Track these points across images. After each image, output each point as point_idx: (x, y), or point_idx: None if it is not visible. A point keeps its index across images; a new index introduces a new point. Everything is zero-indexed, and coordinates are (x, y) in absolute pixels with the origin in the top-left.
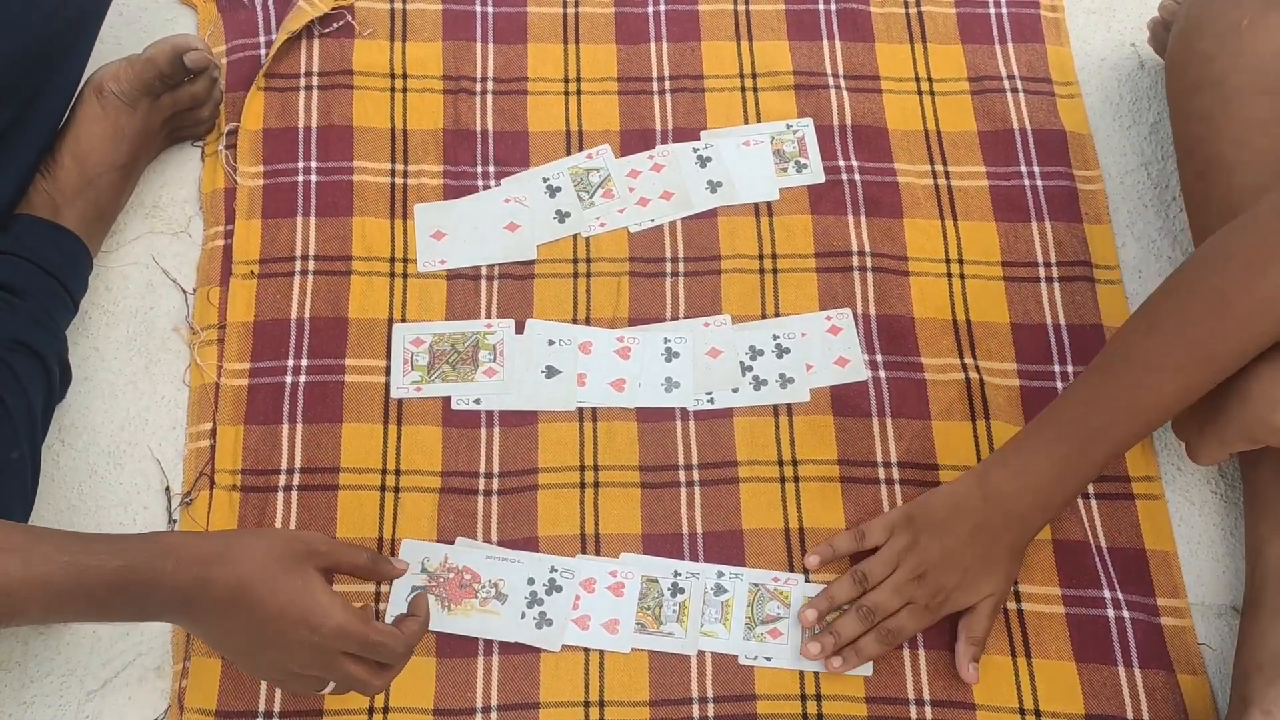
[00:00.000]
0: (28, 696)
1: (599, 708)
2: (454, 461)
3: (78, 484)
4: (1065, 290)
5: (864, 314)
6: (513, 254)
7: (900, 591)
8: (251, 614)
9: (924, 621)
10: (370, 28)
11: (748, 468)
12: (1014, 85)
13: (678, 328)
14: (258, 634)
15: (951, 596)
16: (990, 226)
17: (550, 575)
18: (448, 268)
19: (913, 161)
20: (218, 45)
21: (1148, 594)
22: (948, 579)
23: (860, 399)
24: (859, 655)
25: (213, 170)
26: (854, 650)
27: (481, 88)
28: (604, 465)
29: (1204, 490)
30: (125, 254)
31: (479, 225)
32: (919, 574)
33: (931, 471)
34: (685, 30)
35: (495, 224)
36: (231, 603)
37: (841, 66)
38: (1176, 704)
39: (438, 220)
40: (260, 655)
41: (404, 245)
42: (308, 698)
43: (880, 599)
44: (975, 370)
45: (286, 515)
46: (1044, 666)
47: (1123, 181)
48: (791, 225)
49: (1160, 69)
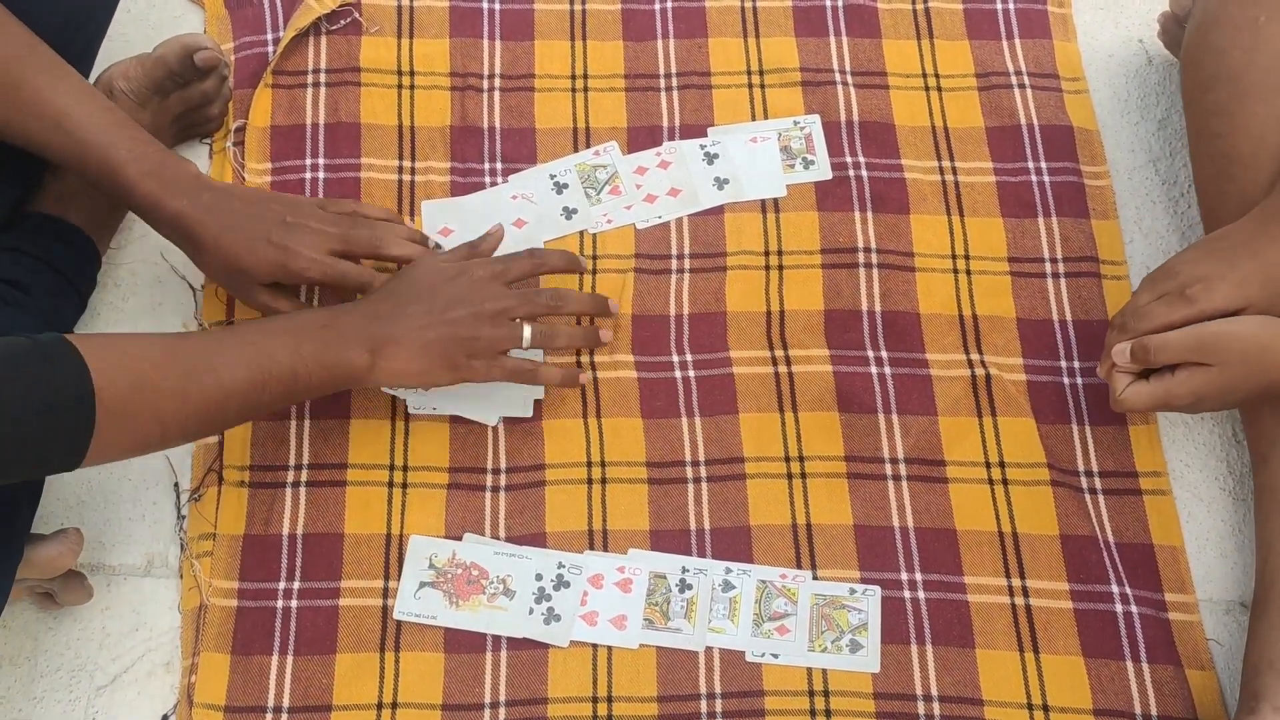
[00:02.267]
0: (38, 691)
1: (607, 703)
2: (462, 457)
3: (87, 480)
4: (1072, 286)
5: (870, 310)
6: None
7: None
8: (426, 334)
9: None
10: (377, 24)
11: (755, 464)
12: (1021, 81)
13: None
14: (430, 304)
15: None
16: (997, 222)
17: (558, 571)
18: None
19: (920, 157)
20: (225, 42)
21: (1156, 589)
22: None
23: (867, 395)
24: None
25: (220, 167)
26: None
27: (489, 84)
28: (611, 461)
29: (1212, 487)
30: (134, 251)
31: (486, 221)
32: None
33: (938, 467)
34: (692, 27)
35: (502, 220)
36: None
37: (849, 63)
38: (1185, 699)
39: (445, 217)
40: (448, 312)
41: None
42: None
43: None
44: (982, 366)
45: (295, 511)
46: (1052, 662)
47: (1131, 178)
48: (798, 222)
49: (1169, 65)
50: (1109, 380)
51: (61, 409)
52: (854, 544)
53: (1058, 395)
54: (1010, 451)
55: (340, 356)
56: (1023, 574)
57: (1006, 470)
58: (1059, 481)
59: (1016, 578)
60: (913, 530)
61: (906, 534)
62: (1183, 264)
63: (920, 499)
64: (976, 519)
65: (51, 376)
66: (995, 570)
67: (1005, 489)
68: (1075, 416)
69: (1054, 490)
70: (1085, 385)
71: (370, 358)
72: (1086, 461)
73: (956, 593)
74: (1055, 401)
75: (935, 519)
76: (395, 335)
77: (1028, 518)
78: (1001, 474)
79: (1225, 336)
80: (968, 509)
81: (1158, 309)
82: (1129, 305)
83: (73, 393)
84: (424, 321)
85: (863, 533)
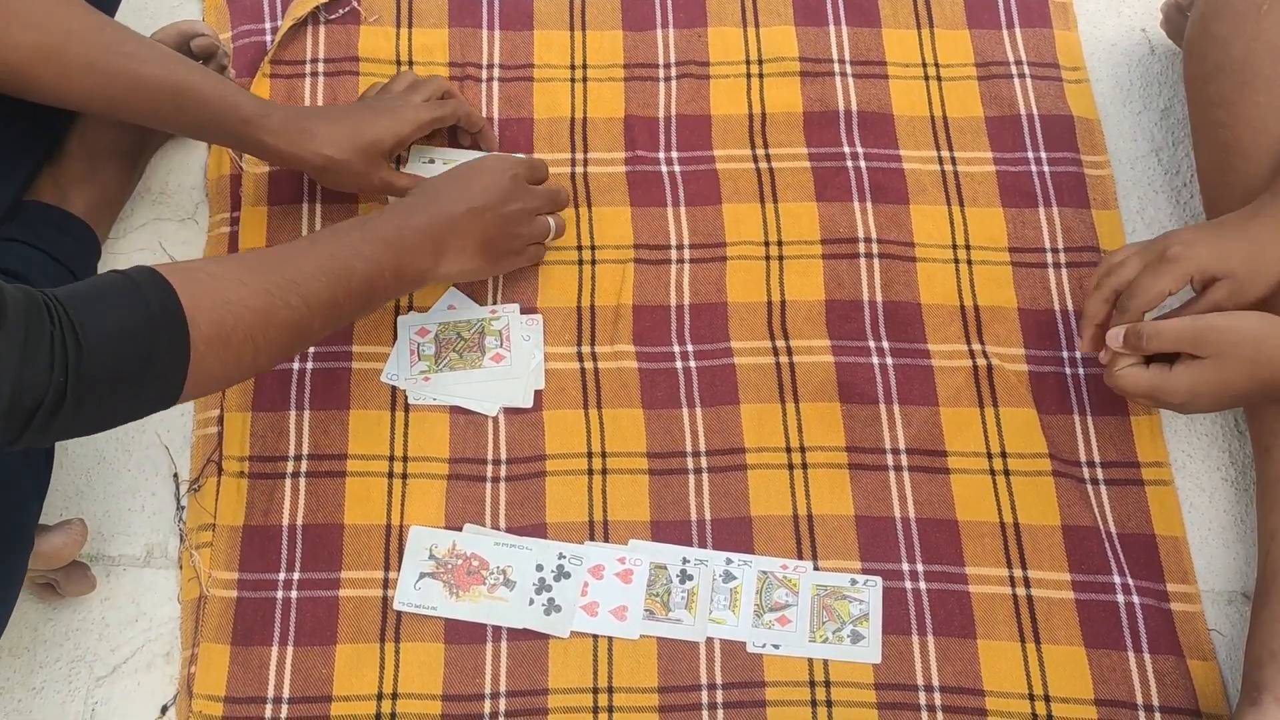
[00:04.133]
0: (37, 682)
1: (607, 694)
2: (462, 448)
3: (86, 470)
4: (1073, 276)
5: (871, 300)
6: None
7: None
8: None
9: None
10: (376, 14)
11: (756, 454)
12: (1021, 71)
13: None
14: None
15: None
16: (997, 212)
17: (559, 562)
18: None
19: (919, 147)
20: (223, 31)
21: (1157, 580)
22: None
23: (868, 385)
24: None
25: (219, 157)
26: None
27: (487, 74)
28: (611, 452)
29: (1214, 477)
30: (133, 240)
31: None
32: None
33: (940, 458)
34: (692, 16)
35: None
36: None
37: (848, 52)
38: (1186, 689)
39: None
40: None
41: None
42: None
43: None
44: (983, 356)
45: (294, 502)
46: (1053, 652)
47: (1134, 167)
48: (797, 212)
49: (1171, 54)
50: (1101, 352)
51: (155, 337)
52: (855, 534)
53: (1059, 385)
54: (1012, 442)
55: (411, 262)
56: (1024, 564)
57: (1008, 460)
58: (1060, 472)
59: (1018, 568)
60: (914, 521)
61: (908, 524)
62: (1169, 235)
63: (921, 489)
64: (978, 509)
65: (143, 306)
66: (997, 561)
67: (1007, 479)
68: (1077, 407)
69: (1056, 480)
70: (1087, 375)
71: (435, 259)
72: (1088, 452)
73: (958, 583)
74: (1057, 392)
75: (936, 509)
76: (461, 234)
77: (1029, 508)
78: (1003, 464)
79: (1220, 329)
80: (969, 499)
81: (1145, 278)
82: (1107, 268)
83: (164, 320)
84: (485, 218)
85: (864, 523)
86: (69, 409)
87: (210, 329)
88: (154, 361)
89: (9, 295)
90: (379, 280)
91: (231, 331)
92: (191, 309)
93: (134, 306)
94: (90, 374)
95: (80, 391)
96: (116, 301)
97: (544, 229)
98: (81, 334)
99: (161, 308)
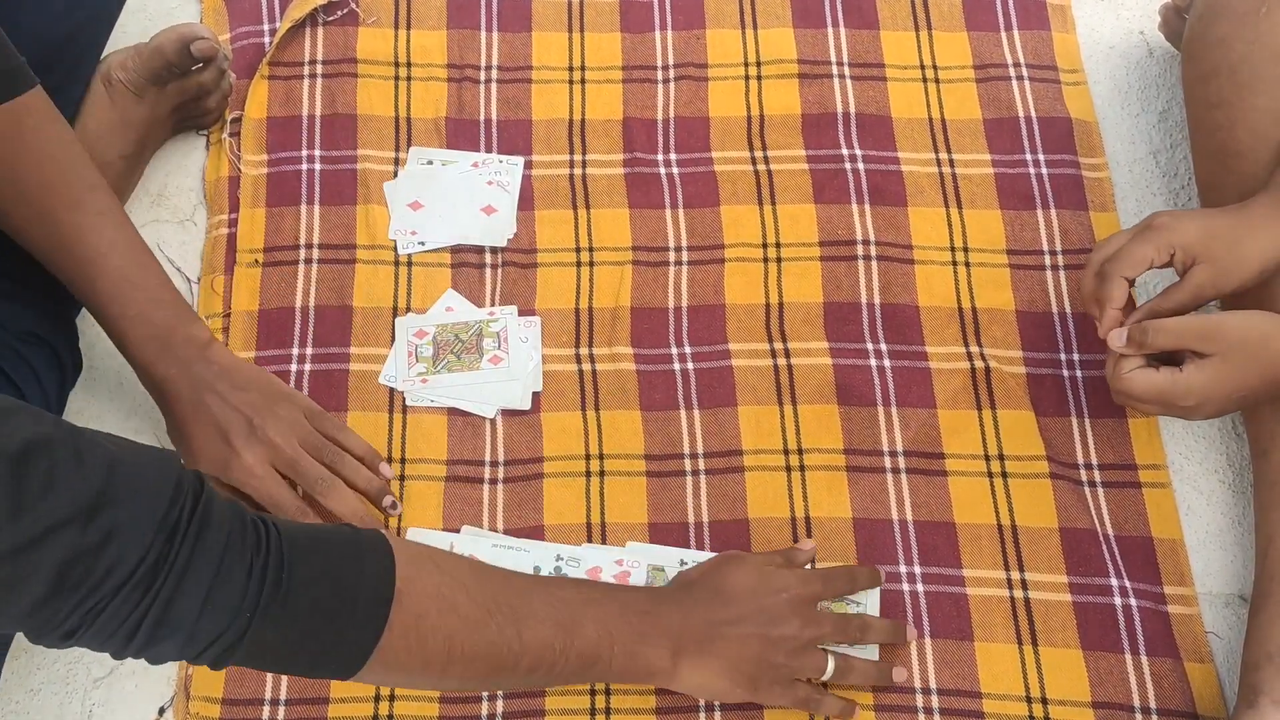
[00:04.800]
0: (34, 684)
1: (605, 695)
2: (459, 450)
3: None
4: (1071, 278)
5: (869, 303)
6: (487, 238)
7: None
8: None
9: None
10: (374, 15)
11: (753, 456)
12: (1019, 73)
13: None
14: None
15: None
16: (995, 215)
17: (556, 564)
18: (419, 240)
19: (917, 149)
20: (222, 33)
21: (1155, 582)
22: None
23: (866, 387)
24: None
25: (217, 158)
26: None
27: (486, 76)
28: (609, 454)
29: (1211, 479)
30: None
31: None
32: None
33: (938, 460)
34: (690, 19)
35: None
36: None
37: (846, 54)
38: (1184, 692)
39: (415, 190)
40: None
41: None
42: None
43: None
44: (981, 358)
45: None
46: (1051, 654)
47: (1131, 170)
48: (795, 214)
49: (1170, 57)
50: (1114, 342)
51: (357, 599)
52: (853, 536)
53: (1057, 388)
54: (1009, 444)
55: (647, 651)
56: (1022, 567)
57: (1006, 463)
58: (1058, 474)
59: (1016, 570)
60: (912, 523)
61: (905, 527)
62: (1157, 212)
63: (919, 492)
64: (976, 512)
65: (359, 565)
66: (994, 563)
67: (1004, 482)
68: (1075, 409)
69: (1053, 483)
70: (1085, 378)
71: (673, 661)
72: (1086, 454)
73: (955, 585)
74: (1055, 394)
75: (934, 512)
76: (710, 644)
77: (1027, 510)
78: (1001, 466)
79: (1227, 325)
80: (967, 502)
81: (1129, 245)
82: (1097, 246)
83: (373, 585)
84: (742, 634)
85: (861, 525)
86: (251, 642)
87: (414, 610)
88: (349, 622)
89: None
90: (605, 656)
91: (434, 627)
92: (403, 585)
93: (349, 561)
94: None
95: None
96: (336, 553)
97: (821, 664)
98: (288, 572)
99: (375, 570)
